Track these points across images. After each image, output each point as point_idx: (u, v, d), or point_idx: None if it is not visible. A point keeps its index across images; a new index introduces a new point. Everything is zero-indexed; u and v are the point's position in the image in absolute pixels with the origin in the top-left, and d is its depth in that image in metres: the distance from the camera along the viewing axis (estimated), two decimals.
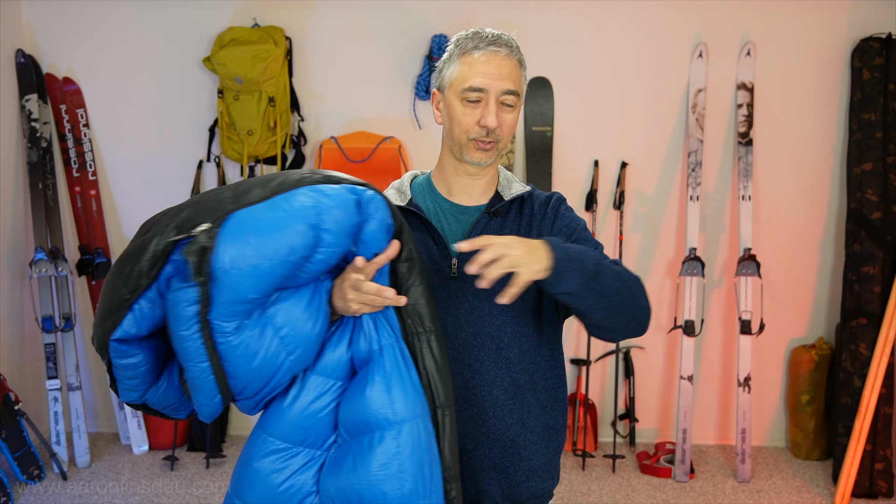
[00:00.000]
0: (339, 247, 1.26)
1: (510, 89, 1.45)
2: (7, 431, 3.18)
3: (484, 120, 1.44)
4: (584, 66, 3.54)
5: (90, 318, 3.71)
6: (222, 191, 1.26)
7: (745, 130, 3.47)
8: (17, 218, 3.51)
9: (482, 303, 1.48)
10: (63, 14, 3.56)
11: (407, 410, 1.26)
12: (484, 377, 1.48)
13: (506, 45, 1.46)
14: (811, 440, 3.55)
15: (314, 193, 1.23)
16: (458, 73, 1.46)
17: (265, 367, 1.25)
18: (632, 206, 3.60)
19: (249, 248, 1.17)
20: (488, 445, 1.49)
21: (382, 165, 3.52)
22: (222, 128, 3.47)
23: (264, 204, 1.21)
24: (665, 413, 3.74)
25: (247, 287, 1.19)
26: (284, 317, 1.26)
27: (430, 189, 1.57)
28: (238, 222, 1.18)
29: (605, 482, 3.33)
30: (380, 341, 1.30)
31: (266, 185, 1.24)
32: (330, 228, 1.23)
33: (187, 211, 1.22)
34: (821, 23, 3.45)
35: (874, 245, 3.28)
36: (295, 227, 1.20)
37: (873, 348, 3.22)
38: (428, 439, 1.28)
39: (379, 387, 1.26)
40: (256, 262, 1.18)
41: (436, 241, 1.50)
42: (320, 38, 3.56)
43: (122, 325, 1.24)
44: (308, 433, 1.31)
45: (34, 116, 3.49)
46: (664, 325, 3.64)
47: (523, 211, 1.54)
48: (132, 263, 1.21)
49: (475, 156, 1.48)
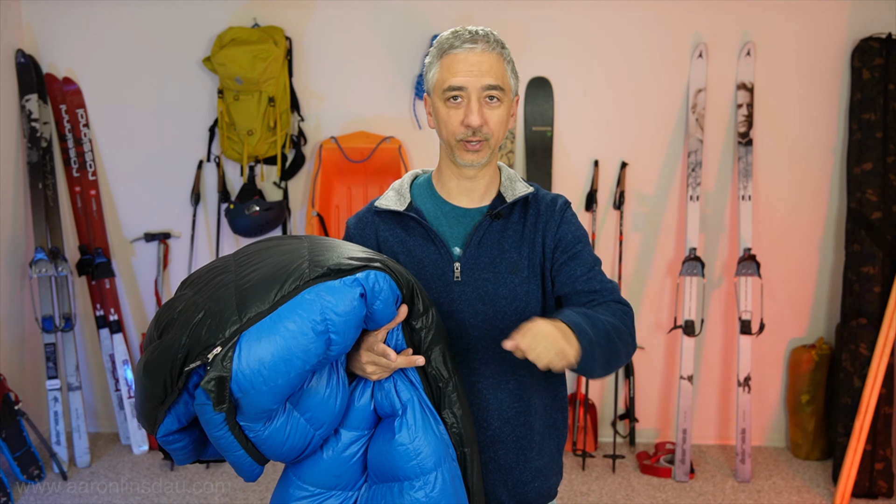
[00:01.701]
0: (350, 340, 1.28)
1: (490, 84, 1.41)
2: (7, 431, 3.18)
3: (467, 119, 1.41)
4: (584, 66, 3.54)
5: (90, 318, 3.72)
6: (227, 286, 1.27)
7: (745, 130, 3.47)
8: (17, 218, 3.51)
9: (486, 306, 1.47)
10: (63, 14, 3.56)
11: (433, 461, 1.32)
12: (489, 380, 1.49)
13: (483, 40, 1.43)
14: (811, 440, 3.55)
15: (318, 300, 1.23)
16: (439, 74, 1.45)
17: (296, 445, 1.32)
18: (632, 206, 3.60)
19: (265, 369, 1.20)
20: (493, 447, 1.50)
21: (382, 165, 3.52)
22: (222, 128, 3.47)
23: (270, 319, 1.22)
24: (665, 413, 3.74)
25: (268, 401, 1.23)
26: (307, 402, 1.31)
27: (430, 191, 1.55)
28: (249, 344, 1.20)
29: (605, 482, 3.33)
30: (401, 399, 1.35)
31: (269, 287, 1.23)
32: (338, 330, 1.25)
33: (198, 315, 1.24)
34: (821, 23, 3.45)
35: (874, 245, 3.28)
36: (305, 340, 1.22)
37: (873, 348, 3.22)
38: (454, 483, 1.33)
39: (405, 441, 1.32)
40: (274, 382, 1.21)
41: (437, 246, 1.48)
42: (320, 38, 3.56)
43: (164, 424, 1.29)
44: (340, 479, 1.38)
45: (34, 116, 3.49)
46: (664, 325, 3.64)
47: (528, 212, 1.52)
48: (160, 371, 1.25)
49: (466, 157, 1.45)
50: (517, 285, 1.47)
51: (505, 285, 1.47)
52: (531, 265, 1.49)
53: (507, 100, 1.46)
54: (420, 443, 1.31)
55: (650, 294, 3.66)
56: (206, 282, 1.31)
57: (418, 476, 1.31)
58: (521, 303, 1.48)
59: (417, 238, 1.49)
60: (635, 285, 3.65)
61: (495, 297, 1.47)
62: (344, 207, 3.63)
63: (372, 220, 1.53)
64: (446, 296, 1.47)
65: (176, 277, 3.70)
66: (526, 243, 1.50)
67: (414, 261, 1.48)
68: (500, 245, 1.48)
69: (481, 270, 1.47)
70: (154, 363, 1.25)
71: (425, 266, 1.48)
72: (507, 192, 1.52)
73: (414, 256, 1.49)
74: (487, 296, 1.47)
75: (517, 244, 1.49)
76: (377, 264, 1.29)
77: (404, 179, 1.58)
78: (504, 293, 1.47)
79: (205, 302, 1.26)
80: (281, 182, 3.58)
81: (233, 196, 3.60)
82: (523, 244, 1.49)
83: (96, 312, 3.63)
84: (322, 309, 1.23)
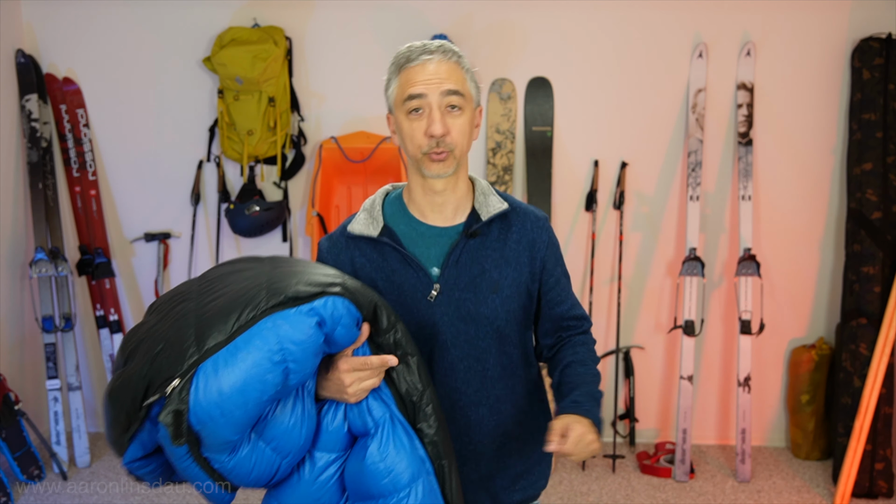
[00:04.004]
0: (309, 368, 1.27)
1: (450, 89, 1.40)
2: (7, 431, 3.18)
3: (430, 128, 1.40)
4: (585, 66, 3.54)
5: (90, 318, 3.72)
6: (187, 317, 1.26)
7: (745, 130, 3.47)
8: (17, 218, 3.51)
9: (467, 326, 1.47)
10: (63, 14, 3.56)
11: (407, 477, 1.31)
12: (471, 398, 1.49)
13: (438, 51, 1.42)
14: (811, 440, 3.55)
15: (274, 329, 1.22)
16: (398, 88, 1.44)
17: (263, 473, 1.31)
18: (632, 206, 3.60)
19: (223, 401, 1.20)
20: (475, 460, 1.51)
21: (382, 165, 3.52)
22: (222, 128, 3.47)
23: (227, 350, 1.21)
24: (665, 413, 3.74)
25: (228, 431, 1.22)
26: (272, 431, 1.30)
27: (402, 210, 1.52)
28: (206, 376, 1.20)
29: (605, 482, 3.33)
30: (374, 417, 1.34)
31: (226, 320, 1.22)
32: (296, 359, 1.24)
33: (160, 347, 1.23)
34: (821, 23, 3.45)
35: (874, 245, 3.28)
36: (262, 370, 1.21)
37: (873, 348, 3.22)
38: (431, 497, 1.33)
39: (377, 460, 1.31)
40: (231, 413, 1.21)
41: (414, 269, 1.46)
42: (320, 38, 3.56)
43: (129, 451, 1.28)
44: (320, 501, 1.37)
45: (34, 116, 3.49)
46: (664, 325, 3.64)
47: (509, 229, 1.50)
48: (122, 400, 1.24)
49: (433, 168, 1.43)
50: (498, 305, 1.47)
51: (486, 305, 1.47)
52: (513, 283, 1.48)
53: (469, 108, 1.45)
54: (392, 460, 1.31)
55: (650, 294, 3.66)
56: (168, 310, 1.30)
57: (392, 493, 1.30)
58: (502, 322, 1.48)
59: (394, 263, 1.47)
60: (635, 285, 3.65)
61: (476, 316, 1.47)
62: (344, 207, 3.63)
63: (346, 244, 1.51)
64: (428, 317, 1.46)
65: (176, 277, 3.70)
66: (508, 263, 1.48)
67: (392, 285, 1.47)
68: (480, 264, 1.47)
69: (461, 290, 1.46)
70: (117, 391, 1.24)
71: (404, 290, 1.46)
72: (482, 209, 1.50)
73: (392, 281, 1.47)
74: (469, 315, 1.46)
75: (497, 263, 1.48)
76: (336, 289, 1.27)
77: (376, 199, 1.55)
78: (485, 312, 1.47)
79: (165, 331, 1.25)
80: (281, 182, 3.58)
81: (233, 196, 3.60)
82: (504, 264, 1.48)
83: (96, 312, 3.63)
84: (279, 339, 1.22)
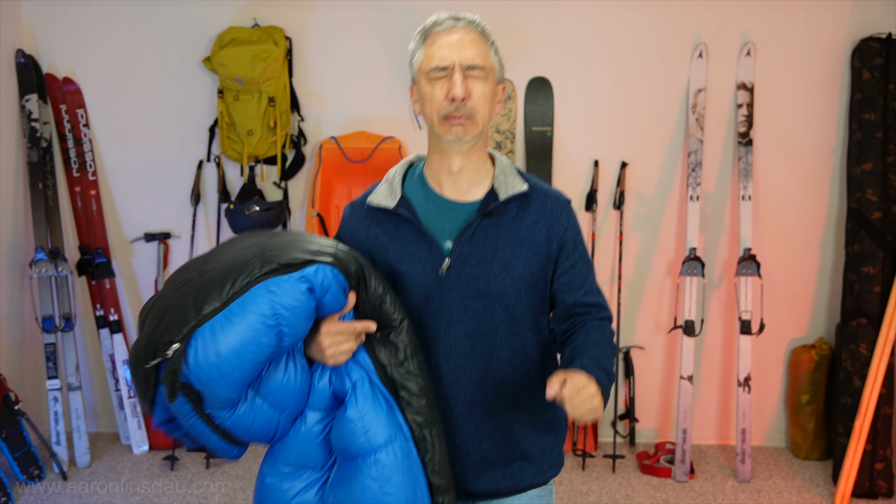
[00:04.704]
0: (301, 331, 1.35)
1: (473, 64, 1.43)
2: (7, 431, 3.18)
3: (451, 91, 1.41)
4: (584, 66, 3.54)
5: (90, 318, 3.72)
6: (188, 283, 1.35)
7: (745, 130, 3.47)
8: (17, 218, 3.51)
9: (475, 303, 1.46)
10: (63, 14, 3.56)
11: (383, 437, 1.36)
12: (475, 375, 1.49)
13: (465, 20, 1.46)
14: (811, 440, 3.55)
15: (267, 295, 1.30)
16: (424, 55, 1.46)
17: (264, 428, 1.40)
18: (632, 206, 3.60)
19: (221, 363, 1.29)
20: (478, 438, 1.51)
21: (382, 165, 3.51)
22: (222, 128, 3.47)
23: (223, 315, 1.29)
24: (665, 413, 3.74)
25: (226, 391, 1.31)
26: (268, 387, 1.37)
27: (421, 182, 1.54)
28: (204, 339, 1.28)
29: (605, 482, 3.33)
30: (352, 379, 1.40)
31: (222, 288, 1.30)
32: (289, 323, 1.31)
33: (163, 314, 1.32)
34: (821, 23, 3.45)
35: (874, 245, 3.28)
36: (257, 333, 1.29)
37: (873, 348, 3.22)
38: (407, 460, 1.37)
39: (353, 418, 1.37)
40: (230, 374, 1.29)
41: (427, 241, 1.47)
42: (320, 38, 3.56)
43: (156, 414, 1.39)
44: (307, 458, 1.44)
45: (34, 116, 3.49)
46: (664, 325, 3.64)
47: (527, 209, 1.50)
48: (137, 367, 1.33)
49: (451, 132, 1.44)
50: (508, 284, 1.46)
51: (496, 283, 1.46)
52: (526, 263, 1.48)
53: (492, 79, 1.47)
54: (369, 420, 1.36)
55: (650, 294, 3.66)
56: (174, 281, 1.39)
57: (369, 452, 1.36)
58: (512, 300, 1.47)
59: (408, 234, 1.49)
60: (635, 285, 3.65)
61: (486, 293, 1.46)
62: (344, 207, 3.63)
63: (365, 213, 1.56)
64: (436, 291, 1.46)
65: None
66: (524, 242, 1.48)
67: (404, 256, 1.48)
68: (494, 242, 1.47)
69: (472, 267, 1.46)
70: (132, 359, 1.34)
71: (416, 261, 1.47)
72: (501, 188, 1.49)
73: (405, 252, 1.48)
74: (478, 292, 1.46)
75: (511, 242, 1.47)
76: (325, 258, 1.34)
77: (397, 170, 1.58)
78: (495, 290, 1.46)
79: (169, 300, 1.34)
80: (281, 182, 3.58)
81: (233, 196, 3.60)
82: (519, 243, 1.48)
83: (96, 312, 3.63)
84: (272, 304, 1.29)
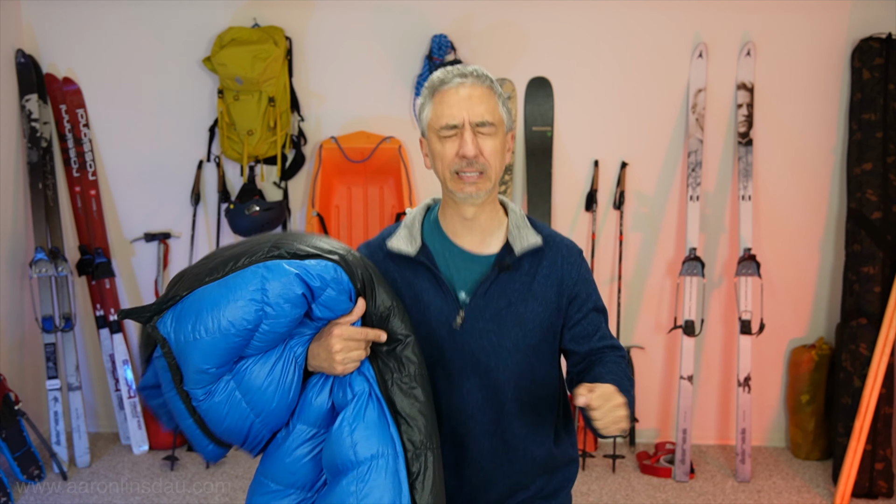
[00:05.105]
0: (282, 318, 1.34)
1: (482, 121, 1.43)
2: (7, 431, 3.18)
3: (462, 150, 1.42)
4: (584, 66, 3.54)
5: (90, 318, 3.72)
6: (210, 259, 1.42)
7: (745, 130, 3.47)
8: (17, 218, 3.51)
9: (487, 357, 1.48)
10: (63, 14, 3.56)
11: (370, 452, 1.31)
12: (486, 427, 1.51)
13: (472, 75, 1.45)
14: (811, 440, 3.55)
15: (260, 269, 1.32)
16: (433, 112, 1.46)
17: (235, 426, 1.38)
18: (632, 206, 3.60)
19: (193, 324, 1.33)
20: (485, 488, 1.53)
21: (382, 165, 3.52)
22: (222, 128, 3.47)
23: (217, 283, 1.35)
24: (665, 413, 3.74)
25: (197, 358, 1.32)
26: (246, 385, 1.37)
27: (438, 230, 1.55)
28: (193, 298, 1.33)
29: (605, 482, 3.33)
30: (354, 391, 1.38)
31: (226, 264, 1.35)
32: (272, 303, 1.31)
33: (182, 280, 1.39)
34: (821, 23, 3.45)
35: (874, 245, 3.28)
36: (236, 302, 1.30)
37: (873, 348, 3.22)
38: (394, 478, 1.31)
39: (344, 430, 1.34)
40: (198, 336, 1.30)
41: (444, 292, 1.49)
42: (320, 38, 3.56)
43: (145, 375, 1.44)
44: (296, 476, 1.41)
45: (34, 116, 3.49)
46: (664, 325, 3.64)
47: (541, 263, 1.51)
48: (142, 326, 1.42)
49: (464, 189, 1.45)
50: (520, 338, 1.48)
51: (508, 338, 1.48)
52: (537, 318, 1.50)
53: (501, 133, 1.47)
54: (360, 433, 1.33)
55: (650, 294, 3.66)
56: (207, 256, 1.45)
57: (354, 466, 1.32)
58: (522, 355, 1.49)
59: (425, 282, 1.50)
60: (635, 285, 3.65)
61: (498, 348, 1.48)
62: (344, 207, 3.63)
63: (383, 257, 1.54)
64: (449, 342, 1.48)
65: None
66: (535, 298, 1.49)
67: (419, 304, 1.49)
68: (507, 297, 1.48)
69: (486, 321, 1.48)
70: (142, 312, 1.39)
71: (431, 311, 1.49)
72: (516, 242, 1.51)
73: (420, 300, 1.49)
74: (490, 346, 1.48)
75: (524, 297, 1.49)
76: (333, 257, 1.35)
77: (416, 216, 1.57)
78: (507, 345, 1.48)
79: (194, 269, 1.40)
80: (281, 182, 3.58)
81: (233, 196, 3.60)
82: (531, 298, 1.49)
83: (96, 312, 3.63)
84: (262, 280, 1.32)
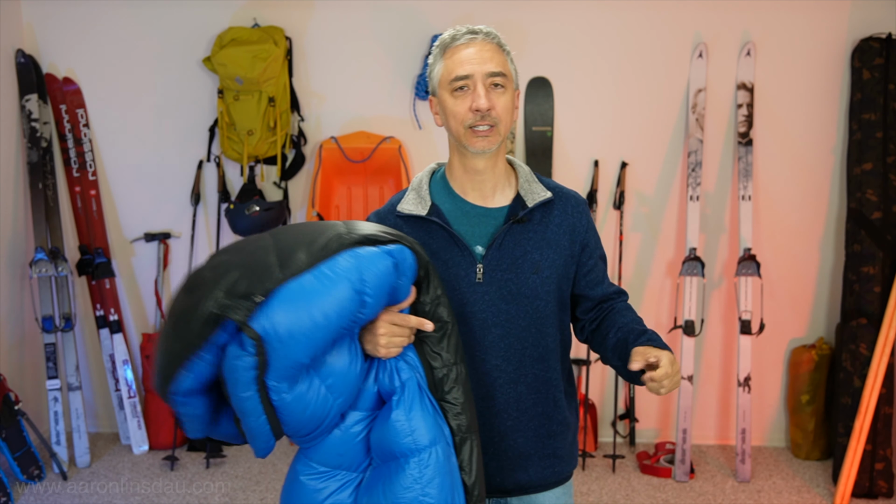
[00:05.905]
0: (380, 304, 1.36)
1: (494, 71, 1.47)
2: (7, 431, 3.18)
3: (475, 103, 1.46)
4: (584, 66, 3.54)
5: (90, 318, 3.72)
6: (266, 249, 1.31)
7: (745, 130, 3.47)
8: (17, 218, 3.51)
9: (509, 305, 1.53)
10: (63, 14, 3.56)
11: (428, 438, 1.36)
12: (510, 375, 1.55)
13: (482, 32, 1.50)
14: (811, 440, 3.55)
15: (355, 259, 1.31)
16: (444, 68, 1.50)
17: (316, 413, 1.36)
18: (632, 206, 3.60)
19: (304, 318, 1.26)
20: (513, 435, 1.57)
21: (382, 165, 3.52)
22: (222, 128, 3.47)
23: (311, 274, 1.28)
24: (665, 413, 3.74)
25: (302, 353, 1.28)
26: (329, 368, 1.35)
27: (446, 188, 1.59)
28: (290, 293, 1.26)
29: (605, 482, 3.33)
30: (402, 378, 1.41)
31: (310, 246, 1.30)
32: (374, 293, 1.32)
33: (233, 273, 1.26)
34: (821, 23, 3.45)
35: (874, 245, 3.28)
36: (343, 294, 1.29)
37: (873, 348, 3.22)
38: (448, 462, 1.37)
39: (400, 418, 1.37)
40: (312, 331, 1.27)
41: (460, 248, 1.52)
42: (320, 38, 3.56)
43: (178, 379, 1.29)
44: (343, 458, 1.42)
45: (34, 116, 3.49)
46: (664, 325, 3.64)
47: (552, 213, 1.57)
48: (185, 323, 1.26)
49: (477, 144, 1.49)
50: (538, 285, 1.53)
51: (527, 285, 1.53)
52: (553, 265, 1.55)
53: (511, 88, 1.52)
54: (417, 421, 1.36)
55: (650, 294, 3.66)
56: (241, 248, 1.35)
57: (414, 453, 1.35)
58: (542, 301, 1.54)
59: (440, 241, 1.54)
60: (635, 285, 3.65)
61: (518, 296, 1.53)
62: (344, 207, 3.63)
63: (395, 222, 1.57)
64: (470, 296, 1.52)
65: (176, 278, 3.70)
66: (549, 245, 1.55)
67: (438, 262, 1.53)
68: (522, 246, 1.54)
69: (503, 271, 1.52)
70: (180, 317, 1.27)
71: (449, 268, 1.53)
72: (527, 195, 1.56)
73: (438, 258, 1.53)
74: (510, 295, 1.53)
75: (539, 245, 1.54)
76: (407, 242, 1.39)
77: (423, 178, 1.61)
78: (526, 293, 1.53)
79: (239, 263, 1.29)
80: (281, 182, 3.58)
81: (233, 196, 3.60)
82: (545, 246, 1.55)
83: (96, 312, 3.63)
84: (360, 269, 1.31)
